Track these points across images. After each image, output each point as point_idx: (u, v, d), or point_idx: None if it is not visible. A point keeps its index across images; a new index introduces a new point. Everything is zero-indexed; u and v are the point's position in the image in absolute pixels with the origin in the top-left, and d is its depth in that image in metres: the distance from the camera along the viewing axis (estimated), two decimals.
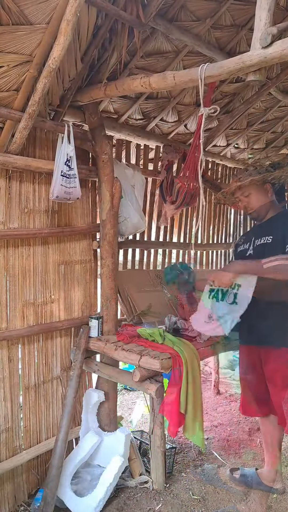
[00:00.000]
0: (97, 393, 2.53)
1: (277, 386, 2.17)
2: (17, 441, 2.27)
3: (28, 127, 2.02)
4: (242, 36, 2.61)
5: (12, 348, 2.25)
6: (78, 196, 2.29)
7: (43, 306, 2.40)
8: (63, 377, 2.52)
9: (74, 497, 2.20)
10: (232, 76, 1.81)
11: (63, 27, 1.65)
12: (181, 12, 2.27)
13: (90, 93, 2.29)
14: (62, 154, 2.21)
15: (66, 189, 2.22)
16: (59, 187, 2.19)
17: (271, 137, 4.14)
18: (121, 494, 2.33)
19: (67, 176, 2.22)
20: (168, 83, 1.88)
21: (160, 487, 2.36)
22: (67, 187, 2.22)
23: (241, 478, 2.44)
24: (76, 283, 2.60)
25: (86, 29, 1.95)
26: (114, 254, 2.61)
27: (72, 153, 2.24)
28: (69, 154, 2.23)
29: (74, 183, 2.25)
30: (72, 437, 2.54)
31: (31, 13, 1.66)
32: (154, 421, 2.34)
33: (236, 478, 2.45)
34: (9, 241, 2.22)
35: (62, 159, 2.21)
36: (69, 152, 2.23)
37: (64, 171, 2.21)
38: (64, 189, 2.21)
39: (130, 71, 2.41)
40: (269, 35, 1.49)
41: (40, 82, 1.86)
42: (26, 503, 2.29)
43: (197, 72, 1.75)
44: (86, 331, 2.53)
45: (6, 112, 1.97)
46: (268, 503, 2.30)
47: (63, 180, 2.20)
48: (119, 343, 2.40)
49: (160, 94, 2.82)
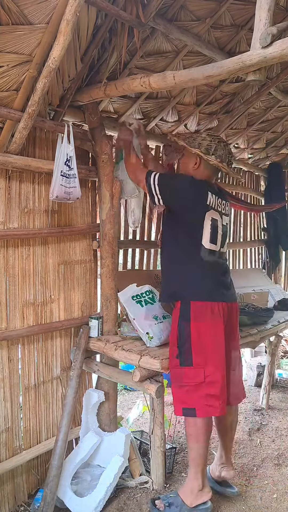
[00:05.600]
0: (97, 393, 2.52)
1: None
2: (17, 441, 2.27)
3: (28, 127, 2.02)
4: (242, 36, 2.61)
5: (12, 348, 2.25)
6: (78, 196, 2.29)
7: (43, 306, 2.40)
8: (63, 377, 2.52)
9: (74, 497, 2.20)
10: (232, 76, 1.81)
11: (63, 27, 1.65)
12: (181, 12, 2.27)
13: (90, 93, 2.29)
14: (62, 154, 2.21)
15: (66, 189, 2.22)
16: (59, 187, 2.19)
17: (271, 137, 4.14)
18: (121, 494, 2.33)
19: (67, 176, 2.21)
20: (168, 83, 1.88)
21: (160, 487, 2.36)
22: (67, 187, 2.22)
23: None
24: (76, 283, 2.60)
25: (86, 29, 1.95)
26: (114, 254, 2.61)
27: (72, 153, 2.24)
28: (68, 154, 2.23)
29: (74, 183, 2.25)
30: (72, 437, 2.54)
31: (31, 13, 1.66)
32: (154, 421, 2.34)
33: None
34: (9, 241, 2.22)
35: (62, 159, 2.20)
36: (68, 152, 2.23)
37: (64, 171, 2.20)
38: (64, 189, 2.21)
39: (130, 71, 2.41)
40: (269, 35, 1.49)
41: (39, 82, 1.86)
42: (26, 503, 2.29)
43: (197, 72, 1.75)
44: (86, 331, 2.53)
45: (6, 112, 1.97)
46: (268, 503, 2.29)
47: (63, 180, 2.20)
48: (119, 343, 2.40)
49: (160, 94, 2.81)
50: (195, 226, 2.17)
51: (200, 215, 2.17)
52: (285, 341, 4.85)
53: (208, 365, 2.06)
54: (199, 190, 2.20)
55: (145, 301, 2.53)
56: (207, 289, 2.15)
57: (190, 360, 2.07)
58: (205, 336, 2.09)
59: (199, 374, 2.05)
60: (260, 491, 2.42)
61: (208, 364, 2.06)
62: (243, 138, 3.89)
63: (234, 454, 2.84)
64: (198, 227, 2.16)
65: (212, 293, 2.15)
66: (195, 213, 2.18)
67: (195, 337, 2.08)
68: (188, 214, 2.20)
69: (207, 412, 2.06)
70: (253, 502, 2.32)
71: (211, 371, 2.06)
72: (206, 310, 2.10)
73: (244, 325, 2.84)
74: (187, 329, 2.09)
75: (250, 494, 2.38)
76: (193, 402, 2.06)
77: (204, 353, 2.07)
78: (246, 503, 2.30)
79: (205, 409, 2.05)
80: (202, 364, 2.06)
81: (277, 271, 4.85)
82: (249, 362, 4.23)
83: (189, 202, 2.18)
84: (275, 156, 4.58)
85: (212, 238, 2.19)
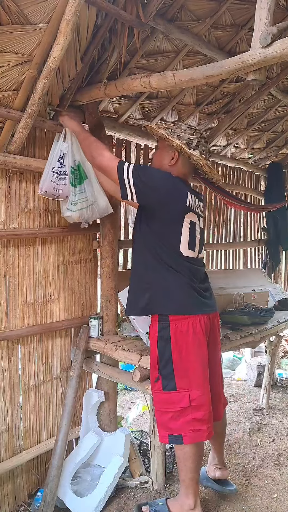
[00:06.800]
0: (97, 393, 2.52)
1: None
2: (17, 441, 2.27)
3: (28, 127, 2.02)
4: (242, 35, 2.61)
5: (12, 348, 2.25)
6: (67, 194, 2.25)
7: (43, 306, 2.40)
8: (63, 377, 2.51)
9: (74, 497, 2.20)
10: (232, 75, 1.81)
11: (63, 27, 1.65)
12: (181, 11, 2.26)
13: (90, 93, 2.28)
14: (56, 151, 2.20)
15: (55, 185, 2.20)
16: (49, 183, 2.17)
17: (271, 137, 4.14)
18: (121, 494, 2.33)
19: (58, 172, 2.20)
20: (168, 83, 1.88)
21: (160, 487, 2.36)
22: (57, 183, 2.20)
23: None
24: (76, 283, 2.59)
25: (86, 28, 1.95)
26: (114, 254, 2.61)
27: (66, 150, 2.21)
28: (63, 151, 2.21)
29: (64, 181, 2.22)
30: (72, 437, 2.54)
31: (31, 13, 1.65)
32: (154, 421, 2.34)
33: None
34: (9, 241, 2.22)
35: (55, 156, 2.19)
36: (63, 149, 2.20)
37: (55, 167, 2.19)
38: (54, 185, 2.19)
39: (130, 70, 2.41)
40: (269, 34, 1.49)
41: (40, 82, 1.86)
42: (26, 503, 2.28)
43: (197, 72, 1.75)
44: (86, 331, 2.53)
45: (6, 112, 1.97)
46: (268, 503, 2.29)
47: (54, 176, 2.18)
48: (119, 343, 2.40)
49: (160, 94, 2.81)
50: (173, 230, 1.93)
51: (179, 218, 1.93)
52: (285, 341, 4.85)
53: (193, 388, 1.88)
54: (181, 189, 1.94)
55: None
56: (186, 301, 1.93)
57: (173, 384, 1.89)
58: (188, 356, 1.89)
59: (184, 398, 1.87)
60: (260, 491, 2.42)
61: (192, 387, 1.88)
62: (243, 138, 3.89)
63: (234, 454, 2.84)
64: (176, 231, 1.92)
65: (192, 306, 1.93)
66: (174, 215, 1.93)
67: (176, 359, 1.89)
68: (166, 215, 1.93)
69: (194, 438, 1.88)
70: (253, 502, 2.32)
71: (197, 395, 1.88)
72: (188, 326, 1.89)
73: (244, 325, 2.84)
74: (167, 350, 1.90)
75: (250, 494, 2.38)
76: (178, 429, 1.88)
77: (188, 375, 1.89)
78: (246, 503, 2.30)
79: (192, 435, 1.88)
80: (187, 388, 1.88)
81: (277, 271, 4.86)
82: (249, 362, 4.22)
83: (168, 203, 1.91)
84: (275, 156, 4.58)
85: (190, 244, 1.96)
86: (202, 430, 1.89)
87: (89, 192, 2.28)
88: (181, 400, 1.88)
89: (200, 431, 1.88)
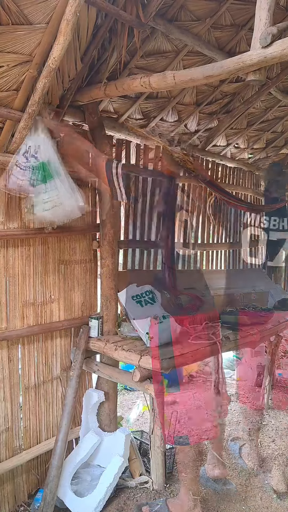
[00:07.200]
0: (97, 393, 2.52)
1: None
2: (17, 441, 2.27)
3: (28, 127, 2.02)
4: (242, 36, 2.61)
5: (12, 348, 2.25)
6: (29, 191, 2.11)
7: (43, 306, 2.40)
8: (63, 377, 2.51)
9: (74, 497, 2.20)
10: (232, 76, 1.81)
11: (63, 27, 1.65)
12: (181, 12, 2.27)
13: (90, 93, 2.28)
14: (24, 146, 2.07)
15: (17, 180, 2.07)
16: (12, 177, 2.05)
17: (271, 137, 4.14)
18: (121, 494, 2.33)
19: (21, 167, 2.07)
20: (168, 83, 1.88)
21: (160, 487, 2.36)
22: (20, 178, 2.08)
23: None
24: (76, 283, 2.59)
25: (86, 29, 1.95)
26: (114, 254, 2.61)
27: (34, 144, 2.07)
28: (30, 145, 2.07)
29: (27, 176, 2.08)
30: (72, 437, 2.53)
31: (31, 13, 1.66)
32: (154, 421, 2.34)
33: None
34: (9, 241, 2.22)
35: (22, 150, 2.07)
36: (30, 143, 2.07)
37: (19, 161, 2.06)
38: (15, 180, 2.07)
39: (130, 71, 2.41)
40: (269, 34, 1.49)
41: (40, 82, 1.86)
42: (26, 503, 2.28)
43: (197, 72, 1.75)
44: (86, 331, 2.53)
45: (6, 112, 1.97)
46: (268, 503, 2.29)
47: (17, 170, 2.06)
48: (119, 343, 2.40)
49: (160, 94, 2.81)
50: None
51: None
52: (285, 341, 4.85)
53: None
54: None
55: (145, 301, 2.53)
56: None
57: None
58: None
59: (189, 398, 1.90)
60: (260, 491, 2.42)
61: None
62: (243, 138, 3.89)
63: (234, 454, 2.84)
64: None
65: None
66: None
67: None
68: None
69: (200, 438, 1.93)
70: (253, 502, 2.32)
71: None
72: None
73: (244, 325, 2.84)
74: None
75: (250, 494, 2.38)
76: (185, 430, 1.92)
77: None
78: (246, 503, 2.30)
79: (198, 435, 1.91)
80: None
81: (277, 271, 4.85)
82: (249, 362, 4.22)
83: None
84: (275, 156, 4.57)
85: None
86: (209, 430, 1.93)
87: (51, 192, 2.14)
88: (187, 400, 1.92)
89: (206, 431, 1.93)
